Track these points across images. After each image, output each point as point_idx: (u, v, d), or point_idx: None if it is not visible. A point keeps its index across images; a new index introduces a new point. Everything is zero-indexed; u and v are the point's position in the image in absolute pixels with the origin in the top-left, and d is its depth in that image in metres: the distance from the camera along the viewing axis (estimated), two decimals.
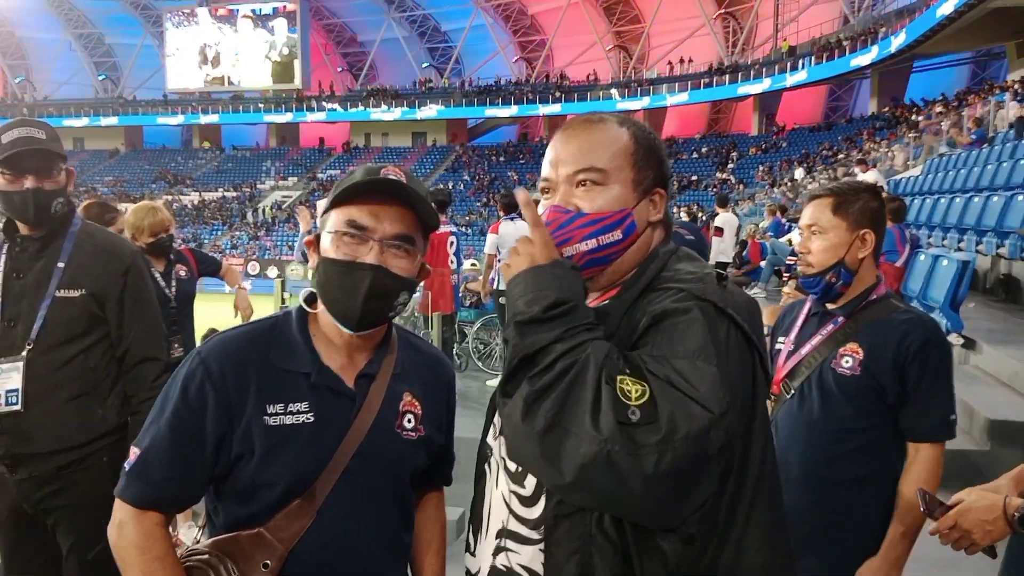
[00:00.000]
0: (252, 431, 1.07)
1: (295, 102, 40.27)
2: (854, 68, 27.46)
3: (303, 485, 1.08)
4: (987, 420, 3.70)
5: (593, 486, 0.80)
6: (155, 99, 43.37)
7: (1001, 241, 6.49)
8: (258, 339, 1.13)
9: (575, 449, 0.79)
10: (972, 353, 4.82)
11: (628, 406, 0.80)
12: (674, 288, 0.92)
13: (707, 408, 0.81)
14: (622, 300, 0.96)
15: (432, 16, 43.35)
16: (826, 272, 1.66)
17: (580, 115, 1.07)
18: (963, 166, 10.78)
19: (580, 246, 0.97)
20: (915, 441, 1.63)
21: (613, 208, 0.98)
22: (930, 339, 1.61)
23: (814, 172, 22.44)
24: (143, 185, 38.55)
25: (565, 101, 36.63)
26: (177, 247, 3.52)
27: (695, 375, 0.82)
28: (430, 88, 40.65)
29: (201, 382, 1.07)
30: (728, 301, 0.89)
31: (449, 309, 5.89)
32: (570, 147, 1.01)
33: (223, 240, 32.16)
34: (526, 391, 0.84)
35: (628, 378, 0.82)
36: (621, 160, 0.99)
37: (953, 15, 19.61)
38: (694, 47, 36.86)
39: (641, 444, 0.78)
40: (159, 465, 1.07)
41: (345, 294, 1.08)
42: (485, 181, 34.04)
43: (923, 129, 18.33)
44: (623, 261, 1.00)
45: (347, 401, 1.12)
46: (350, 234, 1.08)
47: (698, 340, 0.85)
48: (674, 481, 0.80)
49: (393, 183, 1.08)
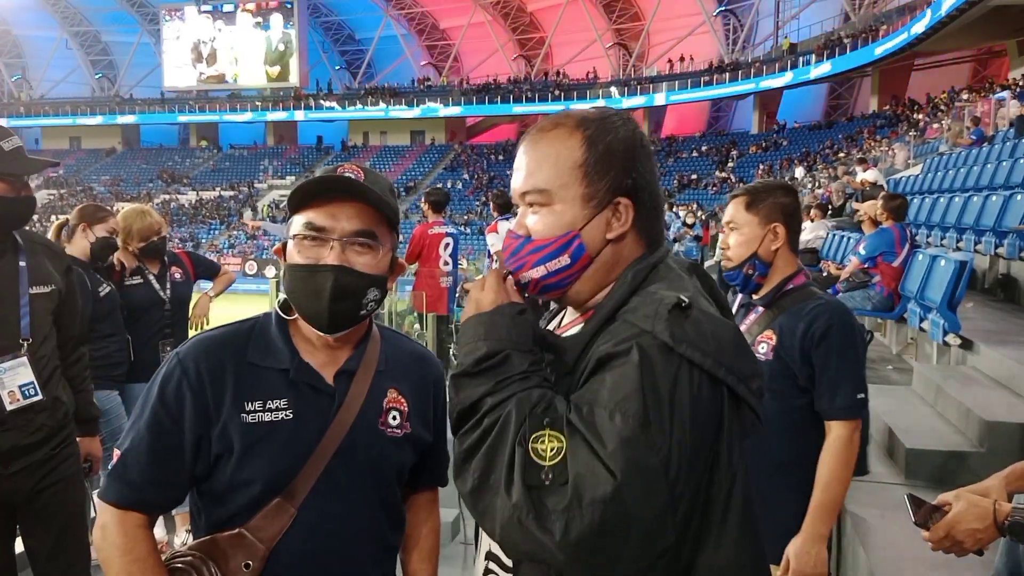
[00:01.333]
0: (230, 430, 1.07)
1: (293, 100, 40.26)
2: (855, 66, 27.46)
3: (282, 483, 1.07)
4: (983, 421, 3.67)
5: (518, 548, 0.79)
6: (152, 97, 43.37)
7: (999, 241, 6.46)
8: (236, 338, 1.13)
9: (499, 510, 0.78)
10: (969, 354, 4.78)
11: (542, 467, 0.77)
12: (627, 323, 0.83)
13: (611, 472, 0.74)
14: (584, 332, 0.88)
15: (431, 13, 43.32)
16: (742, 264, 1.79)
17: (542, 119, 0.97)
18: (962, 165, 10.76)
19: (532, 273, 0.92)
20: (828, 420, 1.72)
21: (556, 232, 0.90)
22: (834, 322, 1.70)
23: (814, 170, 22.40)
24: (140, 184, 38.56)
25: (564, 99, 36.61)
26: (173, 250, 3.50)
27: (608, 431, 0.76)
28: (428, 86, 40.63)
29: (178, 383, 1.08)
30: (684, 335, 0.79)
31: (443, 311, 5.87)
32: (520, 163, 0.94)
33: (220, 239, 32.14)
34: (457, 449, 0.83)
35: (548, 433, 0.78)
36: (566, 176, 0.90)
37: (954, 13, 19.59)
38: (694, 45, 36.83)
39: (550, 510, 0.75)
40: (138, 466, 1.07)
41: (311, 298, 1.08)
42: (484, 180, 34.03)
43: (924, 127, 18.31)
44: (585, 282, 0.92)
45: (327, 398, 1.12)
46: (310, 236, 1.07)
47: (624, 389, 0.77)
48: (595, 545, 0.75)
49: (344, 180, 1.07)
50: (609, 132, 0.91)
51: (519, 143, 0.97)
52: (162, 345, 3.22)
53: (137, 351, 3.16)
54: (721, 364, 0.80)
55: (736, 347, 0.83)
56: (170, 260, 3.36)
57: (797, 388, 1.72)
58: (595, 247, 0.90)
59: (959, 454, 3.42)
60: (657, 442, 0.76)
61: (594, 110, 0.95)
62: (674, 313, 0.80)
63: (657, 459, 0.75)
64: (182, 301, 3.37)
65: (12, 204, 1.83)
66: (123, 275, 3.19)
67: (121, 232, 3.18)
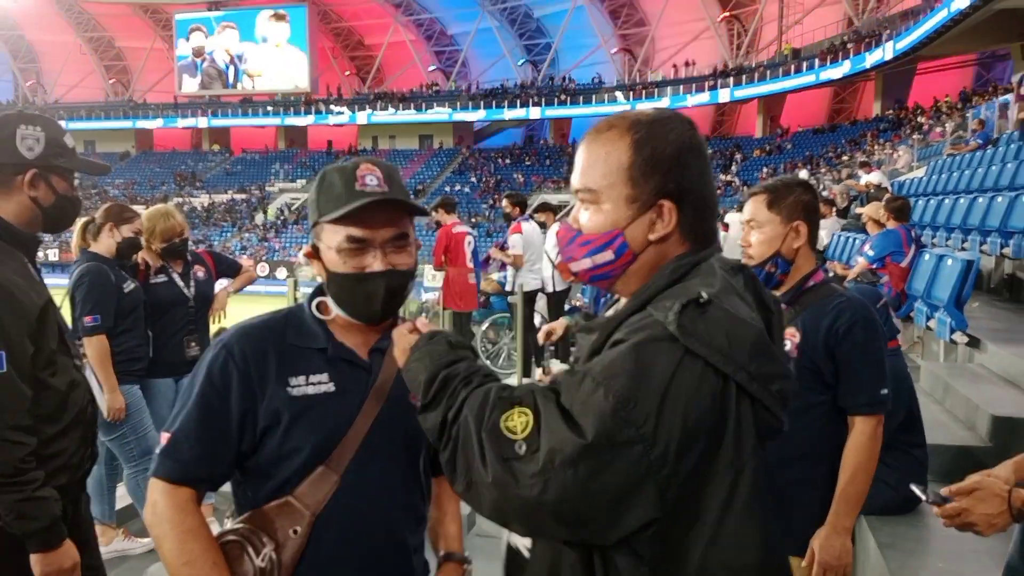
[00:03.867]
0: (277, 403, 1.13)
1: (304, 105, 40.42)
2: (859, 71, 27.44)
3: (326, 451, 1.13)
4: (991, 417, 3.70)
5: (513, 519, 0.86)
6: (165, 102, 43.60)
7: (1005, 241, 6.47)
8: (274, 324, 1.20)
9: (486, 493, 0.85)
10: (977, 352, 4.83)
11: (514, 441, 0.83)
12: (646, 313, 0.88)
13: (582, 435, 0.80)
14: (615, 316, 0.93)
15: (439, 20, 43.47)
16: (765, 263, 1.78)
17: (601, 120, 1.01)
18: (967, 167, 10.77)
19: (580, 264, 0.98)
20: (852, 415, 1.73)
21: (602, 229, 0.95)
22: (858, 318, 1.71)
23: (818, 174, 22.44)
24: (154, 188, 38.76)
25: (571, 104, 36.67)
26: (196, 250, 3.58)
27: (590, 402, 0.81)
28: (437, 91, 40.76)
29: (224, 363, 1.14)
30: (694, 329, 0.82)
31: (472, 306, 5.93)
32: (577, 160, 0.99)
33: (232, 242, 32.32)
34: (444, 464, 0.91)
35: (516, 410, 0.84)
36: (614, 177, 0.94)
37: (958, 16, 19.56)
38: (699, 50, 36.86)
39: (526, 475, 0.81)
40: (188, 444, 1.12)
41: (365, 302, 1.16)
42: (491, 183, 34.05)
43: (928, 131, 18.29)
44: (630, 276, 0.96)
45: (363, 372, 1.19)
46: (352, 248, 1.14)
47: (615, 367, 0.83)
48: (574, 506, 0.81)
49: (379, 200, 1.12)
50: (658, 136, 0.94)
51: (581, 140, 1.01)
52: (187, 341, 3.28)
53: (162, 347, 3.24)
54: (731, 361, 0.82)
55: (755, 347, 0.84)
56: (193, 259, 3.43)
57: (822, 384, 1.73)
58: (638, 246, 0.94)
59: (967, 450, 3.40)
60: (635, 419, 0.79)
61: (651, 112, 0.98)
62: (689, 307, 0.83)
63: (633, 434, 0.79)
64: (205, 299, 3.43)
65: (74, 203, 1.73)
66: (148, 274, 3.26)
67: (145, 232, 3.24)
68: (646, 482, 0.81)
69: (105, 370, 2.96)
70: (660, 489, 0.81)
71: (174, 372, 3.25)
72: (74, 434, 1.63)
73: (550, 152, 37.13)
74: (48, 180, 1.63)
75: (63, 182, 1.67)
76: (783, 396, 0.87)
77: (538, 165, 35.75)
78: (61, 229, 1.76)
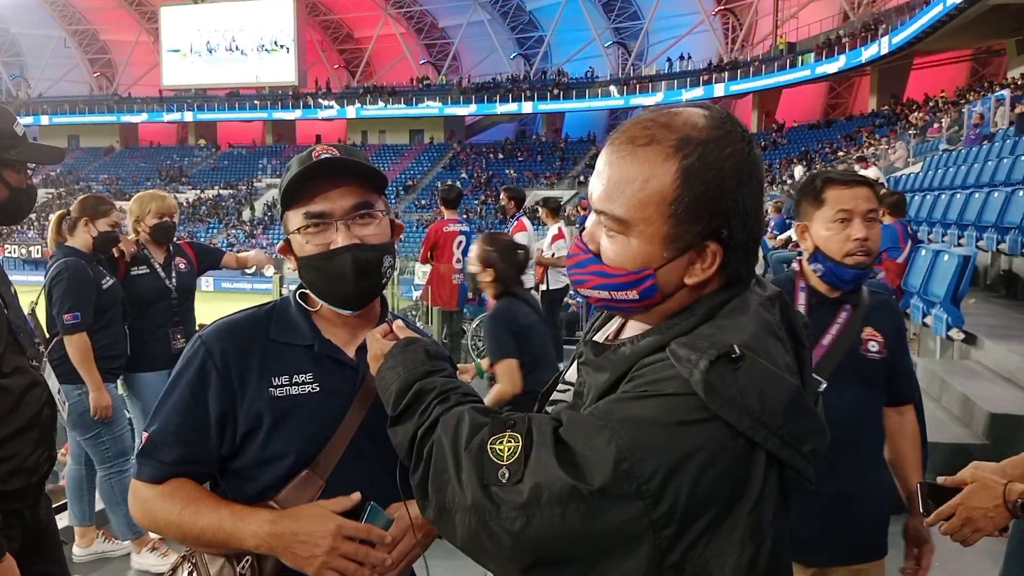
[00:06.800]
0: (258, 404, 1.08)
1: (291, 99, 40.21)
2: (854, 65, 27.50)
3: (311, 455, 1.09)
4: (988, 414, 3.71)
5: (485, 558, 0.79)
6: (150, 96, 43.29)
7: (1002, 237, 6.50)
8: (257, 318, 1.15)
9: (459, 520, 0.79)
10: (973, 348, 4.82)
11: (499, 466, 0.76)
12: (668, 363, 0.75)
13: (576, 476, 0.71)
14: (633, 353, 0.80)
15: (429, 12, 43.29)
16: (876, 259, 1.77)
17: (638, 119, 0.81)
18: (963, 163, 10.81)
19: (592, 293, 0.83)
20: (903, 404, 1.80)
21: (628, 266, 0.79)
22: (900, 312, 1.85)
23: (813, 170, 22.44)
24: (138, 183, 38.47)
25: (564, 98, 36.60)
26: (177, 240, 3.55)
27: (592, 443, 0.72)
28: (427, 85, 40.60)
29: (202, 362, 1.09)
30: (724, 390, 0.71)
31: (452, 306, 5.89)
32: (601, 171, 0.81)
33: (219, 238, 32.12)
34: (415, 487, 0.85)
35: (508, 434, 0.77)
36: (650, 210, 0.76)
37: (954, 11, 19.64)
38: (693, 44, 36.86)
39: (509, 506, 0.74)
40: (167, 447, 1.09)
41: (335, 282, 1.10)
42: (483, 179, 33.99)
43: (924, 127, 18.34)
44: (652, 314, 0.82)
45: (350, 372, 1.13)
46: (312, 225, 1.09)
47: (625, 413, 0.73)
48: (557, 545, 0.73)
49: (325, 162, 1.08)
50: (713, 165, 0.75)
51: (605, 141, 0.83)
52: (172, 334, 3.24)
53: (147, 341, 3.19)
54: (763, 426, 0.72)
55: (789, 407, 0.74)
56: (175, 251, 3.39)
57: (884, 380, 1.76)
58: (669, 288, 0.79)
59: (963, 446, 3.46)
60: (640, 474, 0.70)
61: (704, 121, 0.78)
62: (719, 363, 0.72)
63: (635, 489, 0.71)
64: (188, 291, 3.40)
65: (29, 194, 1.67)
66: (129, 266, 3.21)
67: (134, 213, 3.22)
68: (643, 539, 0.72)
69: (88, 368, 2.90)
70: (660, 549, 0.72)
71: (162, 366, 3.18)
72: (29, 436, 1.55)
73: (542, 147, 37.09)
74: (1, 175, 1.57)
75: (16, 175, 1.60)
76: (814, 455, 0.76)
77: (530, 160, 35.70)
78: (17, 221, 1.72)
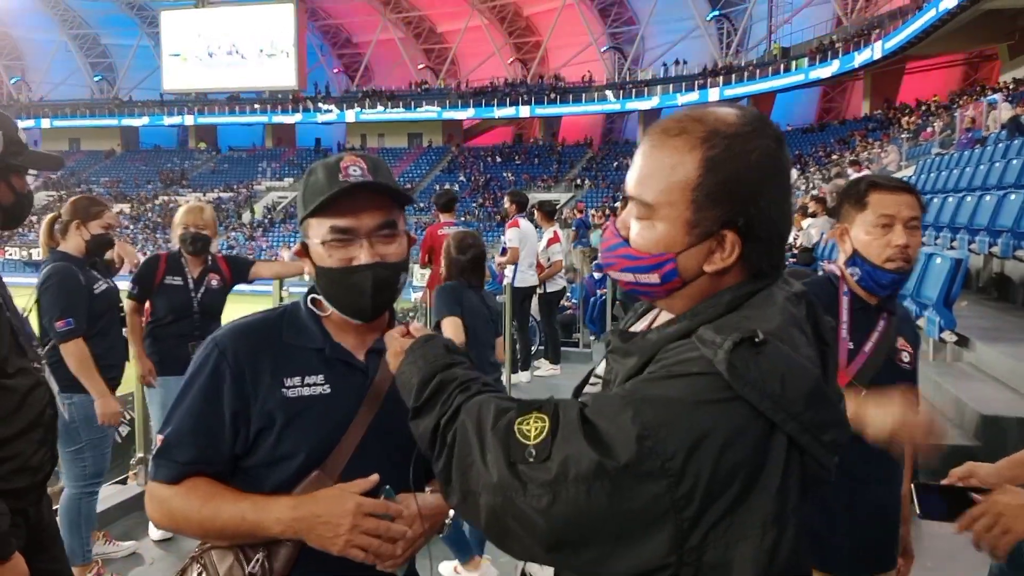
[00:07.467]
0: (271, 404, 1.10)
1: (291, 103, 40.23)
2: (848, 70, 27.63)
3: (322, 454, 1.11)
4: (980, 415, 3.74)
5: (507, 539, 0.80)
6: (151, 100, 43.26)
7: (994, 240, 6.53)
8: (269, 322, 1.17)
9: (484, 501, 0.80)
10: (965, 350, 4.87)
11: (526, 446, 0.78)
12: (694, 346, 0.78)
13: (603, 453, 0.73)
14: (659, 339, 0.83)
15: (428, 17, 43.39)
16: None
17: (675, 114, 0.87)
18: (955, 166, 10.86)
19: (620, 276, 0.89)
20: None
21: (652, 249, 0.84)
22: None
23: (807, 173, 22.56)
24: (139, 186, 38.47)
25: (560, 102, 36.71)
26: (216, 254, 3.49)
27: (617, 420, 0.74)
28: (426, 89, 40.68)
29: (216, 363, 1.11)
30: (746, 372, 0.73)
31: None
32: (636, 160, 0.87)
33: (219, 241, 32.08)
34: (438, 473, 0.87)
35: (535, 414, 0.79)
36: (675, 195, 0.82)
37: (946, 16, 19.76)
38: (688, 49, 37.00)
39: (535, 483, 0.76)
40: (182, 448, 1.10)
41: (354, 296, 1.12)
42: (480, 182, 34.03)
43: (917, 131, 18.44)
44: (676, 299, 0.86)
45: (360, 374, 1.16)
46: (337, 240, 1.10)
47: (649, 392, 0.76)
48: (579, 524, 0.75)
49: (361, 185, 1.09)
50: (737, 157, 0.80)
51: (645, 135, 0.88)
52: (191, 347, 3.20)
53: (169, 350, 3.24)
54: (782, 409, 0.73)
55: (810, 395, 0.75)
56: (211, 265, 3.37)
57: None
58: (689, 274, 0.84)
59: (957, 448, 3.44)
60: (663, 451, 0.72)
61: (733, 117, 0.82)
62: (743, 346, 0.74)
63: (658, 466, 0.72)
64: (214, 310, 3.36)
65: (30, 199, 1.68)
66: (164, 273, 3.25)
67: (175, 221, 3.29)
68: (665, 520, 0.73)
69: (89, 374, 2.77)
70: (681, 531, 0.73)
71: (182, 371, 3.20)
72: (32, 436, 1.56)
73: (540, 151, 37.15)
74: (8, 180, 1.58)
75: (21, 180, 1.62)
76: (835, 446, 0.78)
77: (528, 164, 35.78)
78: (19, 225, 1.71)
